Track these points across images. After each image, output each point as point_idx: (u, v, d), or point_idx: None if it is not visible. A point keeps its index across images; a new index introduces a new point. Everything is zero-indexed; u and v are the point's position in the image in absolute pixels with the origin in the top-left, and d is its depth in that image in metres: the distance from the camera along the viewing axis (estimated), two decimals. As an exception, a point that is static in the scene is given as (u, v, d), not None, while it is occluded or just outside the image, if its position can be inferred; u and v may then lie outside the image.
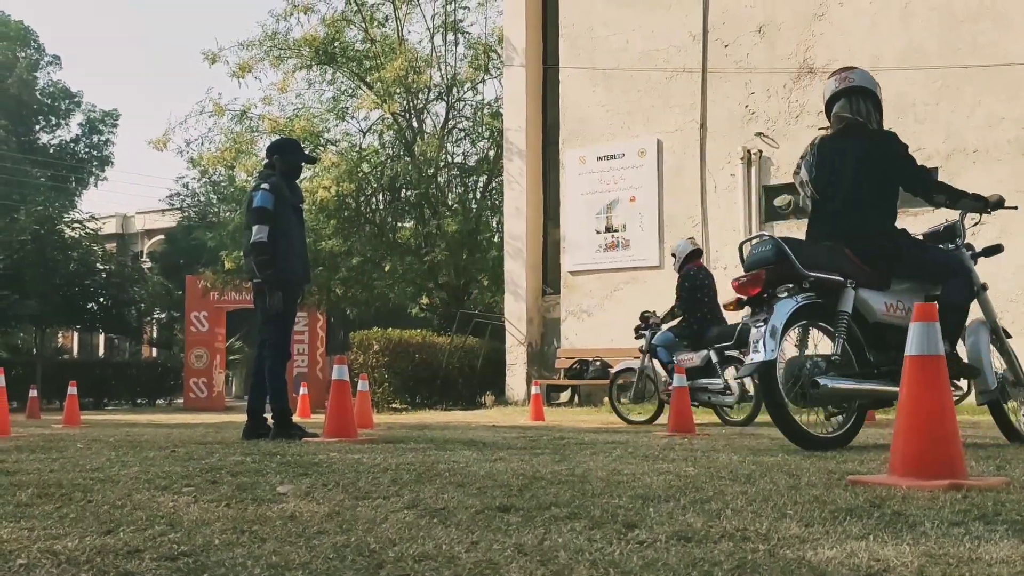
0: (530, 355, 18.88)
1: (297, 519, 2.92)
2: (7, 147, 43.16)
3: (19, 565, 2.18)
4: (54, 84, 50.34)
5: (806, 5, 16.39)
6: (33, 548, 2.39)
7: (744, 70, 16.82)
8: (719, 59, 17.08)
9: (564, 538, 2.57)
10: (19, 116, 47.04)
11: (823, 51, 16.19)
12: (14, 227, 28.59)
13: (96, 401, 26.67)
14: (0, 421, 9.31)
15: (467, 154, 24.68)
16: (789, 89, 16.43)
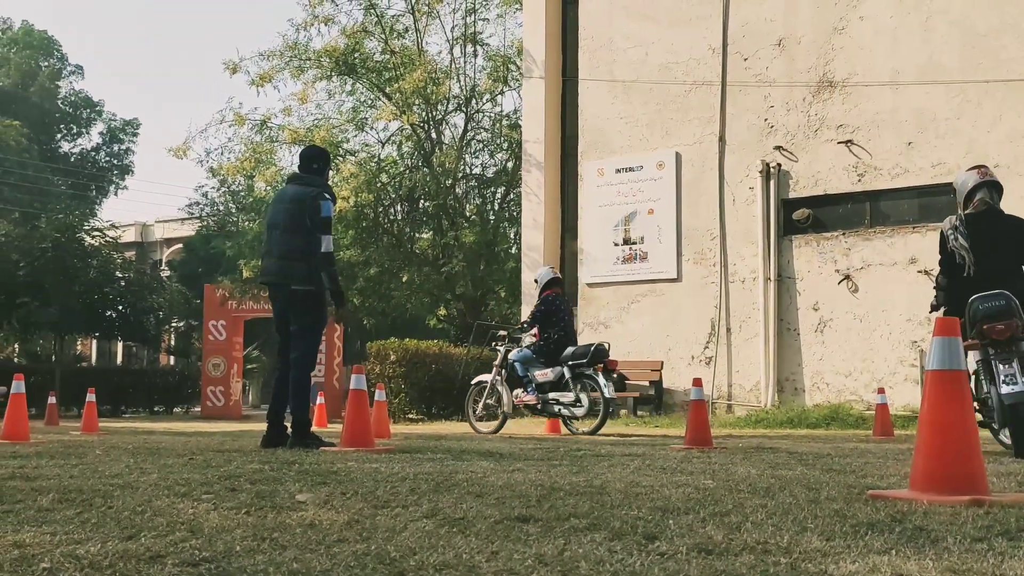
0: (547, 367, 18.85)
1: (317, 527, 2.92)
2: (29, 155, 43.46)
3: (42, 569, 2.19)
4: (76, 93, 50.73)
5: (826, 19, 16.37)
6: (56, 552, 2.40)
7: (763, 83, 16.80)
8: (738, 72, 17.07)
9: (584, 549, 2.56)
10: (41, 124, 47.39)
11: (843, 65, 16.16)
12: (35, 235, 28.77)
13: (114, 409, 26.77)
14: (20, 427, 9.36)
15: (485, 165, 24.75)
16: (808, 102, 16.40)
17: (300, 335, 7.95)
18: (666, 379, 17.16)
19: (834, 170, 16.15)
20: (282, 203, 7.91)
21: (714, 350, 16.77)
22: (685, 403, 16.33)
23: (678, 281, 17.36)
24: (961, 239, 7.24)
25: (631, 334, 17.65)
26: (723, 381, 16.68)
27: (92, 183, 49.42)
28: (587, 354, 11.39)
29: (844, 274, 15.85)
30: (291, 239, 7.77)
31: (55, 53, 50.27)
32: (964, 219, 7.33)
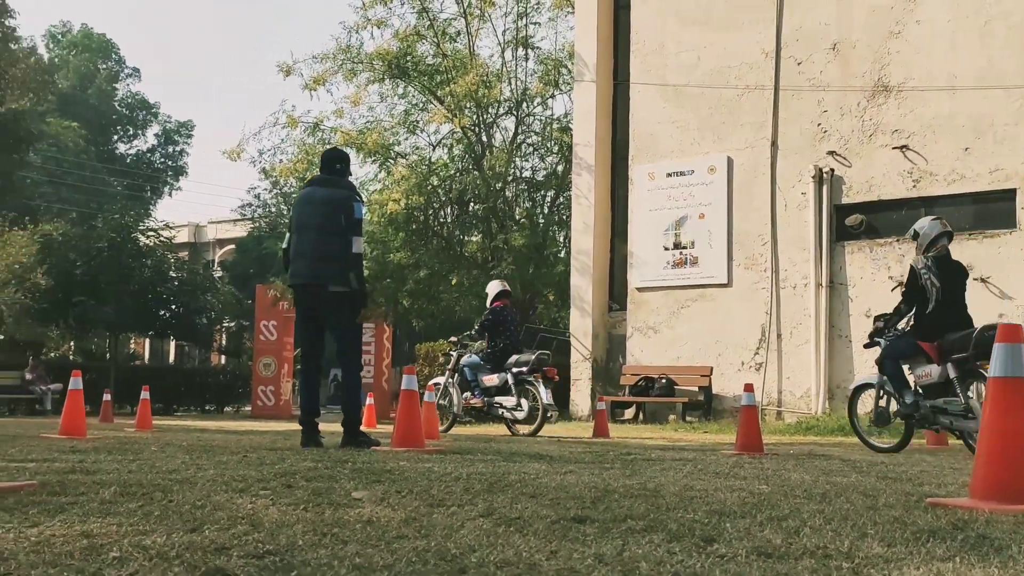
0: (595, 371, 18.83)
1: (375, 524, 2.94)
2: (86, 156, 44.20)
3: (112, 558, 2.23)
4: (133, 95, 51.49)
5: (882, 23, 16.19)
6: (123, 542, 2.44)
7: (817, 88, 16.65)
8: (792, 76, 16.93)
9: (643, 550, 2.56)
10: (98, 126, 48.17)
11: (899, 69, 15.97)
12: (92, 234, 29.22)
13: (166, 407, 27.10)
14: (77, 423, 9.50)
15: (535, 169, 24.70)
16: (863, 107, 16.23)
17: (344, 336, 8.00)
18: (715, 385, 17.05)
19: (888, 176, 15.96)
20: (312, 204, 7.89)
21: (764, 356, 16.63)
22: (734, 409, 16.23)
23: (728, 286, 17.25)
24: (933, 277, 8.65)
25: (680, 339, 17.56)
26: (773, 387, 16.54)
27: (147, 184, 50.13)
28: (529, 362, 12.10)
29: (898, 281, 15.63)
30: (327, 240, 7.79)
31: (113, 56, 51.07)
32: (934, 260, 8.77)
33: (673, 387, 17.18)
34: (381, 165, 23.29)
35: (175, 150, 51.82)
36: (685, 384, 17.16)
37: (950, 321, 8.52)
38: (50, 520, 2.84)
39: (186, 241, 45.38)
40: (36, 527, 2.68)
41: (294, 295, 8.13)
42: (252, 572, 2.10)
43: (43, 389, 24.11)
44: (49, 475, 4.42)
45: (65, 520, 2.85)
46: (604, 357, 19.08)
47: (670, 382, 17.19)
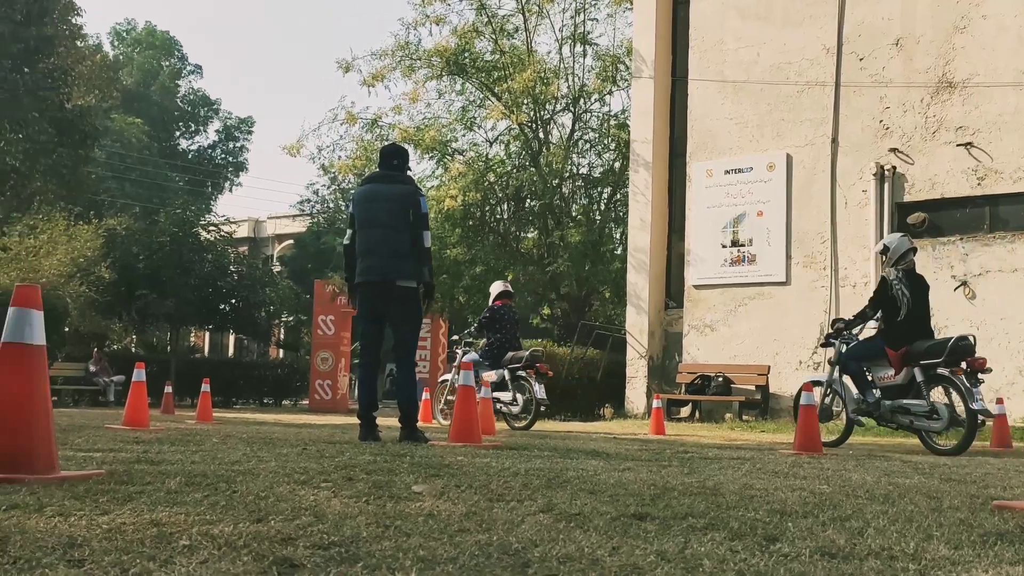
0: (651, 368, 18.75)
1: (436, 517, 2.96)
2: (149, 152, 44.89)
3: (182, 546, 2.27)
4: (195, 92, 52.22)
5: (947, 18, 15.91)
6: (192, 531, 2.48)
7: (879, 84, 16.42)
8: (853, 72, 16.71)
9: (705, 547, 2.55)
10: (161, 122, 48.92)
11: (964, 65, 15.70)
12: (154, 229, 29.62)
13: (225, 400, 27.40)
14: (140, 414, 9.64)
15: (592, 165, 24.66)
16: (926, 104, 15.97)
17: (405, 331, 8.04)
18: (772, 384, 16.90)
19: (952, 173, 15.70)
20: (378, 201, 7.89)
21: (823, 355, 16.43)
22: (791, 409, 16.07)
23: (787, 284, 17.08)
24: (904, 288, 9.39)
25: (738, 337, 17.43)
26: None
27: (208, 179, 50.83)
28: (524, 359, 12.58)
29: (961, 280, 15.40)
30: (397, 237, 7.82)
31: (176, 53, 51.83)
32: (904, 273, 9.55)
33: (730, 386, 17.06)
34: (438, 161, 23.40)
35: (235, 146, 52.49)
36: (742, 383, 17.03)
37: (918, 330, 9.38)
38: (119, 508, 2.89)
39: (246, 236, 45.90)
40: (107, 515, 2.73)
41: (361, 292, 7.99)
42: (318, 563, 2.13)
43: (106, 380, 24.54)
44: (116, 465, 4.50)
45: (134, 508, 2.91)
46: (660, 355, 19.00)
47: (727, 380, 17.08)
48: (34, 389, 3.78)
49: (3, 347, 3.79)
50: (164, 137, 49.60)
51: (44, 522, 2.55)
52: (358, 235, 7.97)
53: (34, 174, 30.09)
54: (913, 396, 9.18)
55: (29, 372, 3.79)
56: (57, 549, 2.16)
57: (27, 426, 3.70)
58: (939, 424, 8.96)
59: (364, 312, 8.05)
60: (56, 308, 22.30)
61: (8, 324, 3.82)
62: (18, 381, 3.75)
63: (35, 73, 28.53)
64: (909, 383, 9.23)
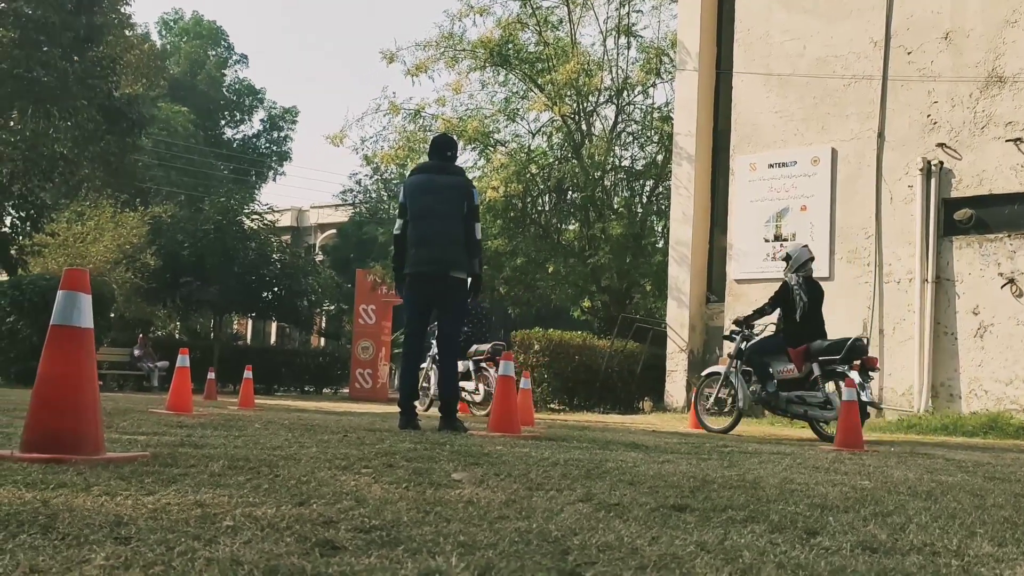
0: (691, 362, 18.67)
1: (476, 504, 2.97)
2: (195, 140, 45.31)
3: (226, 527, 2.29)
4: (240, 81, 52.61)
5: (998, 11, 15.67)
6: (235, 513, 2.51)
7: (927, 78, 16.21)
8: (901, 66, 16.51)
9: (745, 539, 2.54)
10: (206, 111, 49.35)
11: (1015, 60, 15.45)
12: (199, 217, 29.94)
13: (267, 387, 27.67)
14: (184, 399, 9.75)
15: (635, 158, 24.57)
16: (975, 99, 15.75)
17: (452, 321, 8.08)
18: (814, 379, 16.75)
19: (1000, 169, 15.47)
20: (432, 192, 7.90)
21: (865, 352, 16.28)
22: (833, 405, 15.94)
23: (830, 280, 16.90)
24: (802, 292, 10.52)
25: (779, 332, 17.28)
26: (874, 384, 16.17)
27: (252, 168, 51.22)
28: (486, 351, 13.65)
29: (1008, 278, 15.18)
30: (452, 227, 7.84)
31: (222, 43, 52.25)
32: (804, 280, 10.67)
33: (771, 380, 16.93)
34: (481, 152, 23.42)
35: (280, 135, 52.87)
36: (783, 378, 16.88)
37: (813, 330, 10.53)
38: (164, 489, 2.93)
39: (288, 225, 46.18)
40: (152, 495, 2.77)
41: (411, 282, 7.95)
42: (360, 545, 2.14)
43: (151, 366, 24.85)
44: (160, 447, 4.56)
45: (178, 490, 2.94)
46: (700, 349, 18.91)
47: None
48: (82, 371, 3.84)
49: (52, 330, 3.85)
50: (209, 126, 50.05)
51: (91, 501, 2.59)
52: (411, 225, 7.92)
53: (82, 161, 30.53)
54: (810, 388, 10.32)
55: (77, 354, 3.84)
56: (104, 527, 2.19)
57: (75, 408, 3.76)
58: (831, 414, 10.11)
59: (413, 301, 8.01)
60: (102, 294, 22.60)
61: (57, 307, 3.88)
62: (67, 363, 3.81)
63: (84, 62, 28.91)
64: (806, 377, 10.34)
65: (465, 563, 1.99)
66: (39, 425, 3.74)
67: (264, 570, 1.82)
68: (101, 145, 29.79)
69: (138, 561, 1.85)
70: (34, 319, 20.92)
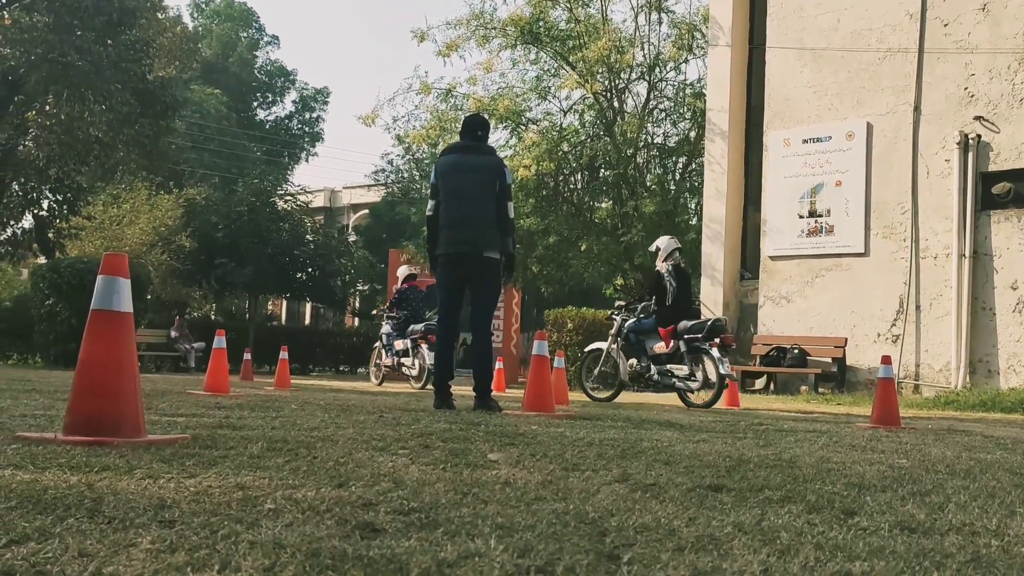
0: (725, 340, 18.59)
1: (513, 485, 2.99)
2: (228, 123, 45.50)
3: (267, 510, 2.32)
4: (272, 63, 52.77)
5: (1036, -19, 15.43)
6: (276, 495, 2.54)
7: (964, 50, 16.00)
8: (937, 38, 16.30)
9: (782, 520, 2.54)
10: (239, 93, 49.56)
11: (1053, 30, 15.21)
12: (232, 199, 30.11)
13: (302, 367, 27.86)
14: (221, 380, 9.83)
15: (667, 135, 24.42)
16: (1014, 71, 15.53)
17: (488, 301, 8.11)
18: (849, 356, 16.68)
19: (1039, 142, 15.26)
20: (465, 172, 7.93)
21: (902, 328, 16.18)
22: (869, 382, 15.86)
23: (865, 256, 16.80)
24: (672, 280, 11.77)
25: (814, 309, 17.21)
26: (910, 360, 16.09)
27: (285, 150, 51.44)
28: (420, 331, 15.62)
29: (1047, 252, 15.00)
30: (485, 208, 7.87)
31: (253, 24, 52.38)
32: (673, 268, 11.87)
33: (805, 358, 16.88)
34: (512, 131, 23.36)
35: (312, 116, 53.01)
36: (818, 355, 16.83)
37: (682, 312, 11.80)
38: (205, 472, 2.97)
39: (321, 206, 46.36)
40: (193, 478, 2.81)
41: (444, 262, 8.00)
42: (399, 528, 2.17)
43: (187, 347, 25.09)
44: (199, 429, 4.61)
45: (219, 472, 2.98)
46: (735, 327, 18.84)
47: (802, 353, 16.90)
48: (122, 355, 3.88)
49: (92, 314, 3.90)
50: (242, 108, 50.27)
51: (134, 484, 2.63)
52: (443, 206, 7.97)
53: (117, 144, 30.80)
54: (678, 362, 11.63)
55: (118, 338, 3.88)
56: (148, 511, 2.23)
57: (116, 391, 3.80)
58: (696, 384, 11.49)
59: (447, 282, 8.05)
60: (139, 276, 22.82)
61: (97, 292, 3.92)
62: (107, 347, 3.85)
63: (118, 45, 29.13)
64: (674, 353, 11.63)
65: (504, 545, 2.01)
66: (81, 409, 3.79)
67: (306, 553, 1.84)
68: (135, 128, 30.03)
69: (183, 545, 1.88)
70: (72, 302, 21.15)
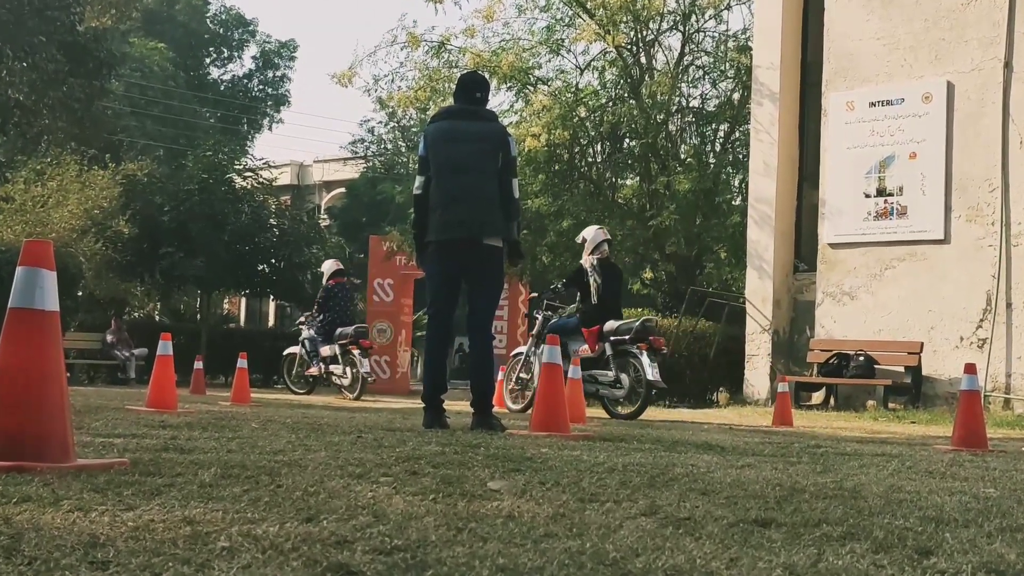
0: (775, 345, 18.63)
1: (518, 519, 3.01)
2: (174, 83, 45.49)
3: (221, 548, 2.33)
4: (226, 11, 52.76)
5: None
6: (231, 531, 2.56)
7: (1065, -6, 16.00)
8: (1033, -20, 16.30)
9: (843, 561, 2.55)
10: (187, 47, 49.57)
11: None
12: (181, 175, 30.00)
13: (264, 378, 27.86)
14: (166, 394, 9.84)
15: (706, 97, 24.41)
16: (1125, 18, 15.52)
17: (488, 298, 8.11)
18: (926, 365, 16.68)
19: None
20: (461, 142, 7.89)
21: (989, 330, 16.18)
22: (949, 395, 15.87)
23: (945, 243, 16.80)
24: (597, 276, 12.48)
25: (883, 307, 17.21)
26: (1000, 369, 16.09)
27: (244, 116, 51.46)
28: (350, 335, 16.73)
29: None
30: (487, 184, 7.83)
31: (205, -36, 52.41)
32: (599, 262, 12.65)
33: (873, 367, 16.88)
34: (518, 93, 23.35)
35: (275, 75, 53.01)
36: (888, 363, 16.84)
37: (608, 311, 12.50)
38: (147, 503, 2.98)
39: (288, 184, 46.39)
40: (132, 511, 2.82)
41: (436, 251, 7.96)
42: (380, 570, 2.18)
43: (126, 354, 25.13)
44: (140, 452, 4.65)
45: (163, 504, 3.00)
46: (787, 328, 18.86)
47: (869, 360, 16.90)
48: (47, 362, 3.89)
49: (11, 313, 3.90)
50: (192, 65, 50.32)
51: (61, 518, 2.65)
52: (435, 182, 7.91)
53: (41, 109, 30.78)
54: (602, 367, 12.31)
55: (41, 342, 3.89)
56: (78, 549, 2.24)
57: (39, 405, 3.80)
58: (621, 392, 12.15)
59: (439, 274, 8.03)
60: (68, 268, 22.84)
61: (16, 286, 3.92)
62: (28, 353, 3.86)
63: (41, -10, 29.11)
64: (600, 356, 12.35)
65: (507, 591, 2.02)
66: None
67: (267, 600, 1.85)
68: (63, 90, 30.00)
69: (120, 590, 1.89)
70: None
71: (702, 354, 19.92)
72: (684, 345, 19.79)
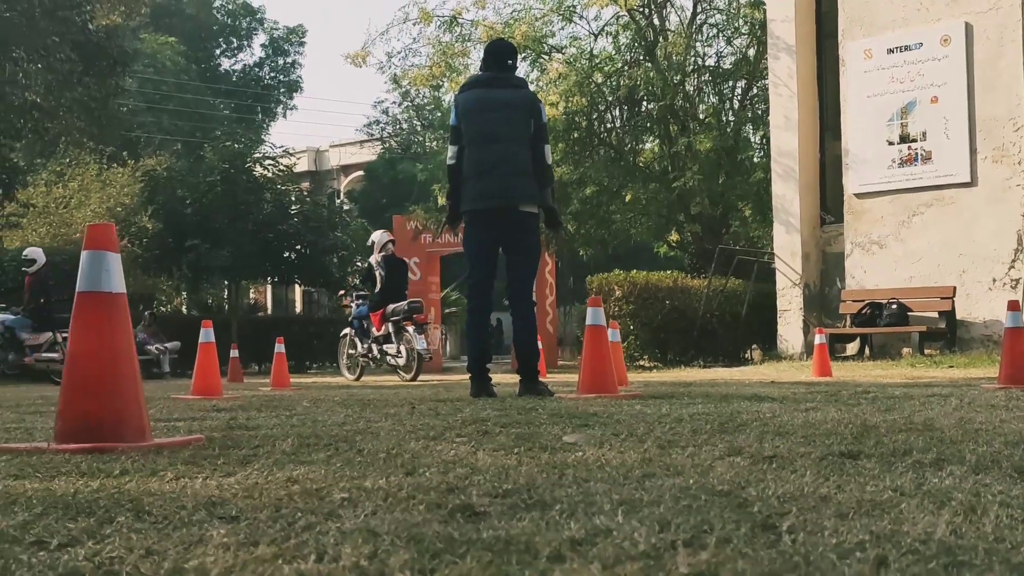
0: (807, 299, 18.58)
1: (608, 465, 3.00)
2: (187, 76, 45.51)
3: (340, 499, 2.34)
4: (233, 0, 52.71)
5: None
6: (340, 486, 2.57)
7: (1081, -73, 15.84)
8: (1047, -85, 16.14)
9: (947, 482, 2.55)
10: (197, 39, 49.59)
11: None
12: (201, 167, 30.00)
13: (298, 363, 27.92)
14: (212, 381, 9.87)
15: (721, 54, 24.33)
16: None
17: (527, 267, 8.08)
18: (960, 309, 16.61)
19: None
20: (493, 110, 7.86)
21: (1022, 270, 16.10)
22: (985, 337, 15.82)
23: (972, 186, 16.70)
24: (381, 270, 15.87)
25: (913, 255, 17.14)
26: None
27: (257, 104, 51.45)
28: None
29: None
30: (520, 152, 7.80)
31: (209, -44, 52.37)
32: (383, 259, 16.09)
33: (906, 314, 16.82)
34: (533, 62, 23.33)
35: (286, 62, 53.03)
36: (921, 309, 16.78)
37: (391, 298, 15.82)
38: (243, 469, 2.98)
39: (306, 170, 46.44)
40: (231, 476, 2.82)
41: (472, 220, 7.99)
42: (503, 510, 2.18)
43: (159, 348, 25.19)
44: (209, 432, 4.61)
45: (259, 468, 3.00)
46: (818, 281, 18.81)
47: (902, 308, 16.84)
48: (117, 343, 3.89)
49: (79, 298, 3.90)
50: (203, 57, 50.36)
51: (167, 485, 2.66)
52: (468, 151, 7.90)
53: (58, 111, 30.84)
54: (387, 342, 15.71)
55: (110, 324, 3.88)
56: (200, 508, 2.25)
57: (114, 388, 3.81)
58: (401, 360, 15.46)
59: (476, 244, 8.03)
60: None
61: (82, 271, 3.91)
62: (100, 336, 3.86)
63: (51, -9, 29.12)
64: (388, 334, 15.69)
65: (635, 520, 2.02)
66: (74, 411, 3.81)
67: (407, 539, 1.86)
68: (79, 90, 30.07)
69: (263, 538, 1.90)
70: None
71: (734, 312, 19.91)
72: (715, 305, 19.76)
